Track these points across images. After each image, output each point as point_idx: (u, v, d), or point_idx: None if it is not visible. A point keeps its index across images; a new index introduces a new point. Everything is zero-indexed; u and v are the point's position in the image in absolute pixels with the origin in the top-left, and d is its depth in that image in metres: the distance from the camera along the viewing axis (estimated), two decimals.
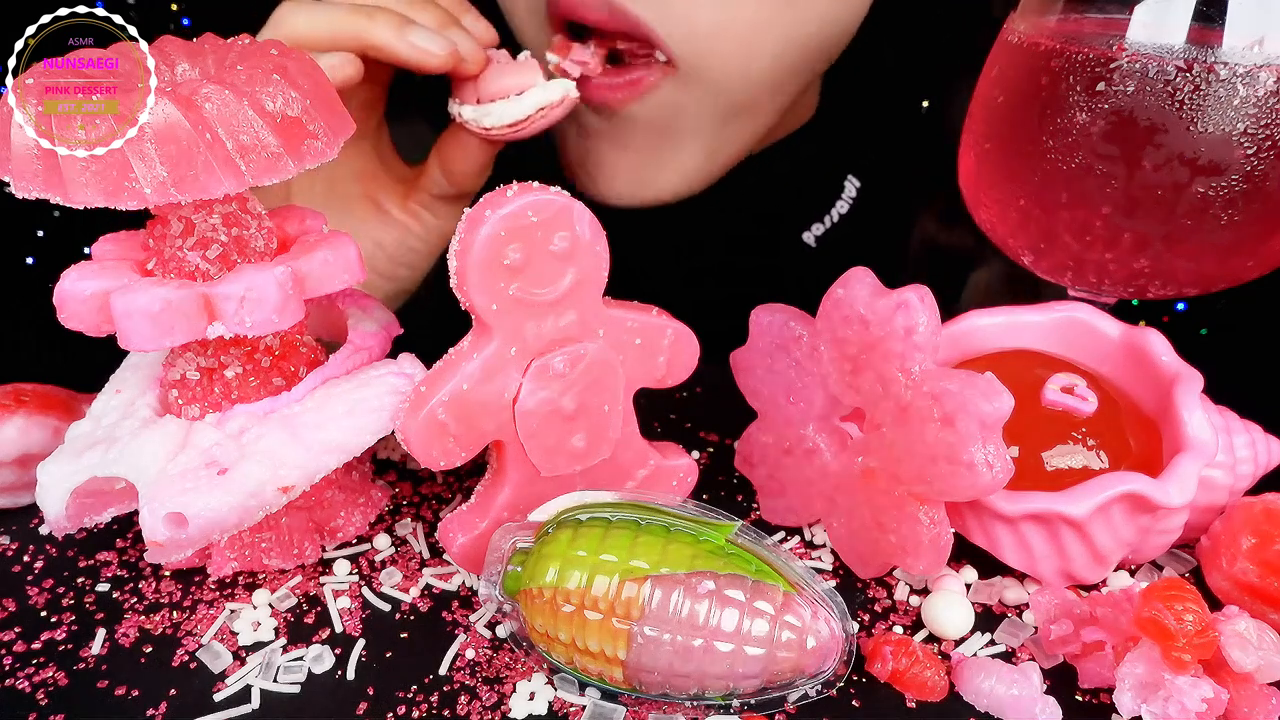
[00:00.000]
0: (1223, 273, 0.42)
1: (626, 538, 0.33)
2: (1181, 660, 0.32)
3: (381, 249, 0.53)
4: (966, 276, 0.65)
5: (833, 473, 0.40)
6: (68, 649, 0.37)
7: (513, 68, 0.47)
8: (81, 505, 0.37)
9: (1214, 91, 0.37)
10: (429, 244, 0.54)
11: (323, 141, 0.35)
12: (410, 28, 0.44)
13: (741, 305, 0.42)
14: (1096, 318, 0.42)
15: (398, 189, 0.53)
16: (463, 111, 0.48)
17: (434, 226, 0.53)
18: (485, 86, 0.47)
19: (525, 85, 0.47)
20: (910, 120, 0.68)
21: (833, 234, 0.64)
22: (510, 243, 0.34)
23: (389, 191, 0.53)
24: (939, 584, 0.39)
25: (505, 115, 0.47)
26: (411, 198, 0.52)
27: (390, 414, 0.37)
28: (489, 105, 0.47)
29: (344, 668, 0.36)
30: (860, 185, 0.65)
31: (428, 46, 0.44)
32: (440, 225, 0.53)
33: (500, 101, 0.47)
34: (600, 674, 0.33)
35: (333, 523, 0.41)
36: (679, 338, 0.39)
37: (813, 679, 0.33)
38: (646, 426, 0.41)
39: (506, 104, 0.47)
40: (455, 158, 0.50)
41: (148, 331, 0.33)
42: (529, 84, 0.47)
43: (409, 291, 0.55)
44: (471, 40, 0.47)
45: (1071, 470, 0.37)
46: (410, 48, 0.44)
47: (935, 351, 0.35)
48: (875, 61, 0.60)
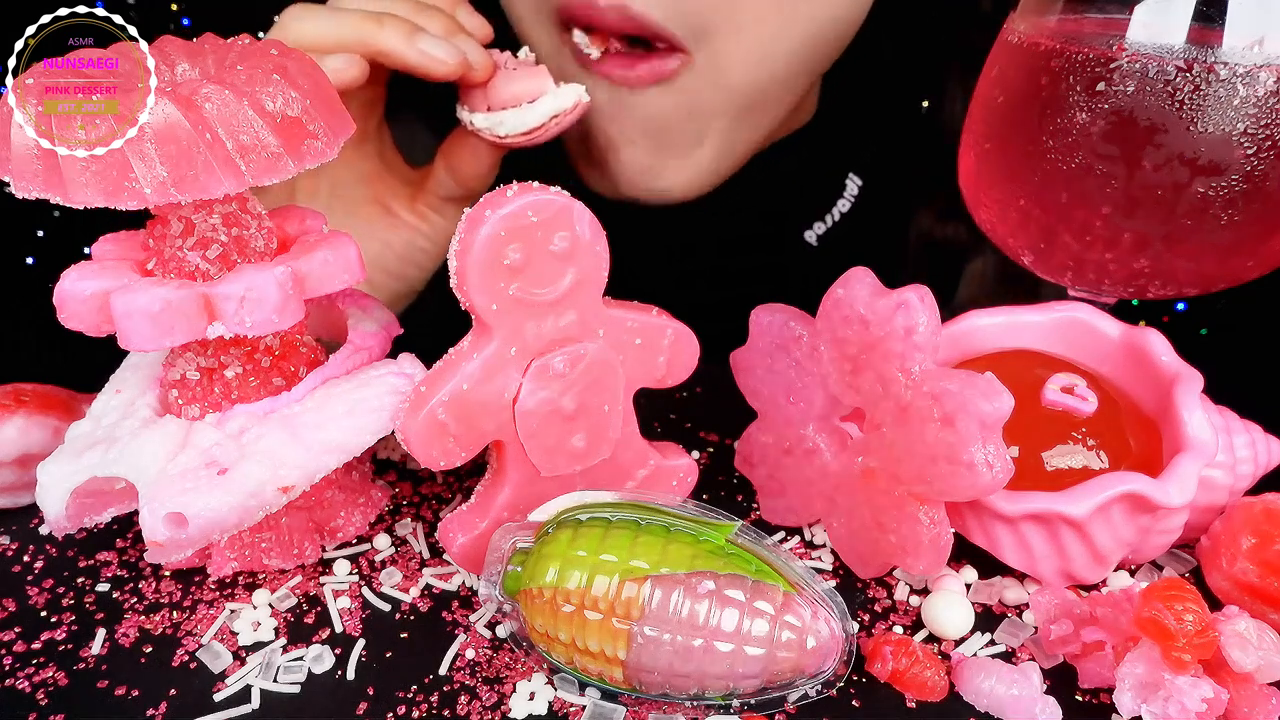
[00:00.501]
0: (1223, 273, 0.42)
1: (626, 538, 0.33)
2: (1181, 660, 0.32)
3: (390, 249, 0.53)
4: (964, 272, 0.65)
5: (833, 473, 0.40)
6: (68, 649, 0.37)
7: (523, 74, 0.47)
8: (81, 505, 0.37)
9: (1214, 91, 0.37)
10: (437, 244, 0.54)
11: (323, 141, 0.35)
12: (420, 35, 0.44)
13: (742, 305, 0.42)
14: (1096, 318, 0.42)
15: (404, 191, 0.53)
16: (474, 120, 0.48)
17: (442, 227, 0.53)
18: (495, 93, 0.47)
19: (537, 92, 0.47)
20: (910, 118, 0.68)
21: (834, 232, 0.64)
22: (510, 243, 0.34)
23: (395, 194, 0.53)
24: (939, 584, 0.39)
25: (519, 124, 0.47)
26: (419, 200, 0.53)
27: (390, 414, 0.37)
28: (501, 114, 0.47)
29: (344, 668, 0.36)
30: (862, 184, 0.65)
31: (437, 54, 0.44)
32: (448, 226, 0.53)
33: (513, 110, 0.47)
34: (600, 674, 0.33)
35: (333, 523, 0.41)
36: (679, 338, 0.39)
37: (813, 679, 0.33)
38: (646, 426, 0.41)
39: (519, 112, 0.47)
40: (465, 162, 0.50)
41: (148, 331, 0.33)
42: (540, 91, 0.47)
43: (417, 291, 0.55)
44: (479, 47, 0.47)
45: (1071, 470, 0.37)
46: (420, 55, 0.44)
47: (935, 351, 0.35)
48: (875, 60, 0.60)
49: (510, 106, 0.47)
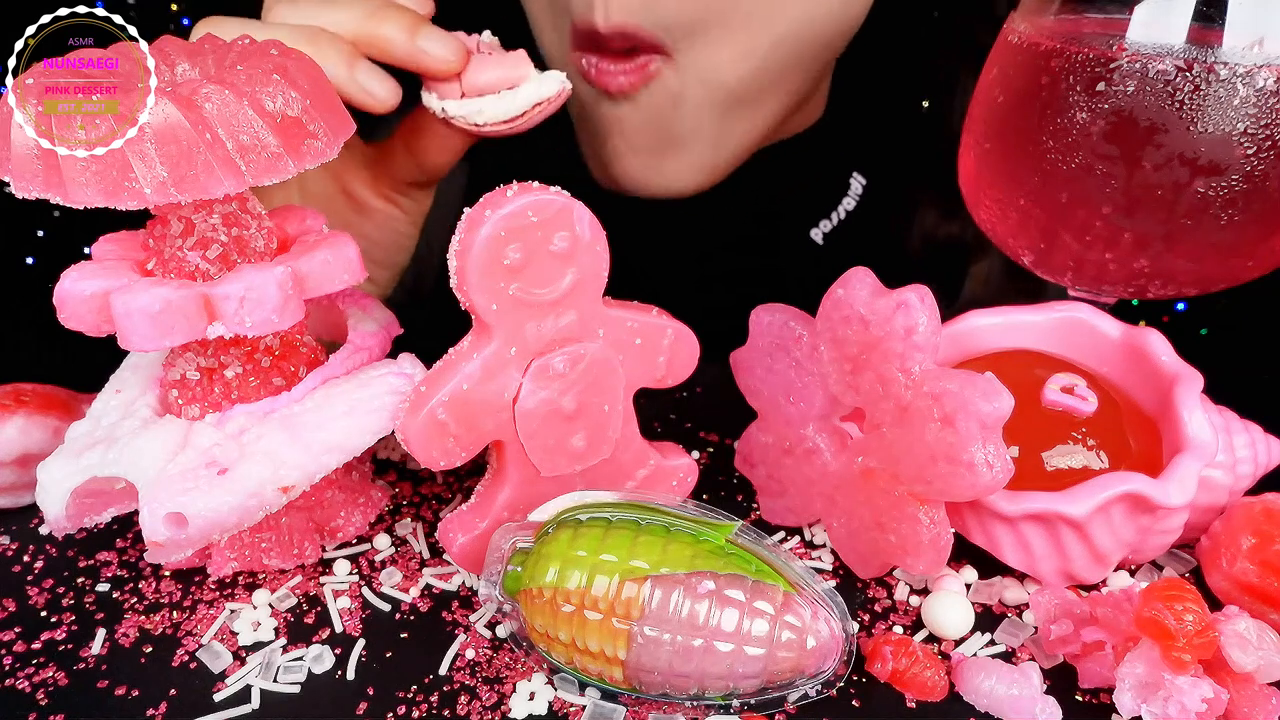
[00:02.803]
0: (1223, 273, 0.42)
1: (626, 538, 0.33)
2: (1181, 660, 0.32)
3: (370, 239, 0.52)
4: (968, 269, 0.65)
5: (833, 473, 0.40)
6: (68, 649, 0.37)
7: (499, 59, 0.44)
8: (81, 505, 0.37)
9: (1214, 91, 0.37)
10: (415, 224, 0.53)
11: (323, 141, 0.35)
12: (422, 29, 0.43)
13: (742, 305, 0.42)
14: (1096, 318, 0.42)
15: (364, 174, 0.51)
16: (446, 106, 0.45)
17: (412, 208, 0.52)
18: (471, 79, 0.44)
19: (517, 79, 0.44)
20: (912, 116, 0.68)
21: (840, 231, 0.64)
22: (510, 243, 0.34)
23: (356, 176, 0.51)
24: (939, 584, 0.39)
25: (499, 112, 0.44)
26: (381, 182, 0.51)
27: (390, 414, 0.37)
28: (478, 101, 0.44)
29: (344, 668, 0.36)
30: (866, 183, 0.65)
31: (438, 51, 0.42)
32: (419, 207, 0.52)
33: (490, 97, 0.44)
34: (600, 674, 0.33)
35: (333, 523, 0.41)
36: (679, 338, 0.39)
37: (813, 679, 0.33)
38: (646, 426, 0.41)
39: (498, 100, 0.44)
40: (431, 150, 0.48)
41: (148, 331, 0.33)
42: (521, 77, 0.44)
43: (404, 268, 0.55)
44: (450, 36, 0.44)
45: (1071, 470, 0.37)
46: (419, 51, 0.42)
47: (935, 351, 0.35)
48: (881, 59, 0.60)
49: (487, 93, 0.44)
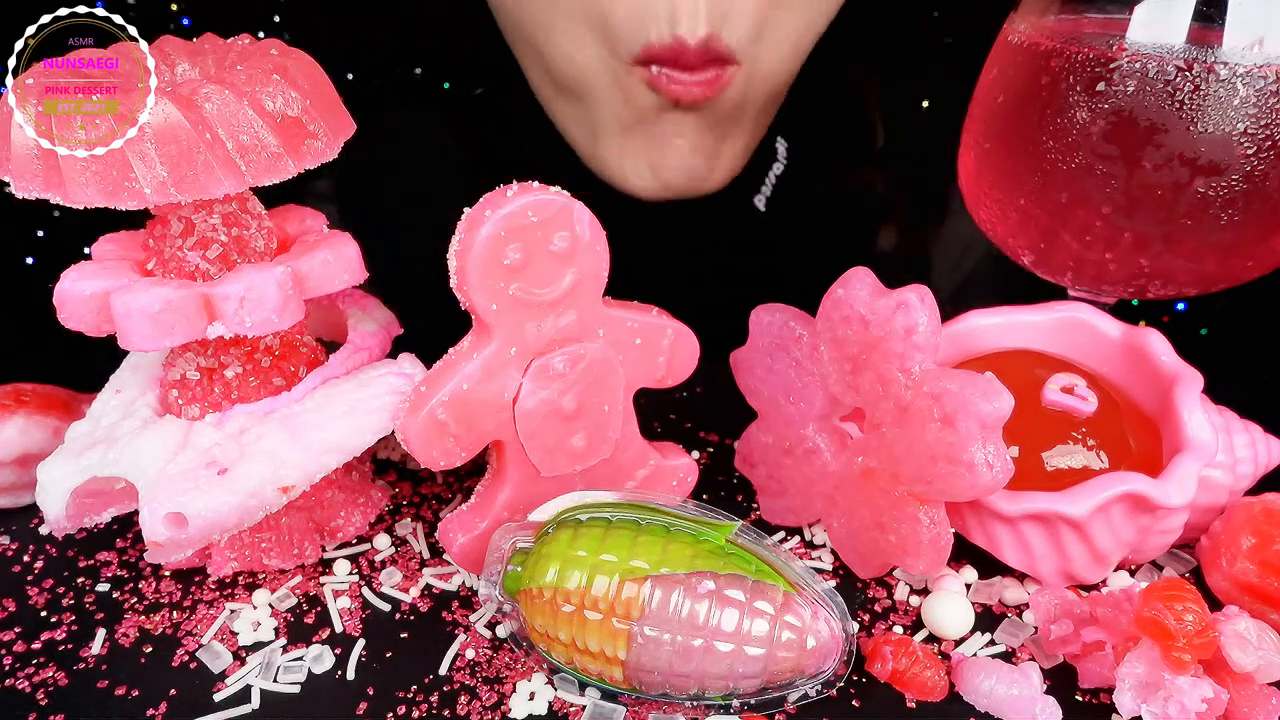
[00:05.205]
0: (1223, 273, 0.42)
1: (626, 538, 0.33)
2: (1181, 660, 0.32)
3: None
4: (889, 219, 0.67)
5: (833, 473, 0.40)
6: (68, 649, 0.37)
7: None
8: (81, 505, 0.37)
9: (1214, 91, 0.37)
10: None
11: (323, 141, 0.35)
12: None
13: (742, 305, 0.42)
14: (1096, 318, 0.42)
15: None
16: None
17: None
18: None
19: None
20: (823, 80, 0.69)
21: (776, 196, 0.65)
22: (510, 243, 0.34)
23: None
24: (939, 584, 0.39)
25: None
26: None
27: (390, 414, 0.37)
28: None
29: (344, 668, 0.36)
30: (788, 145, 0.66)
31: None
32: None
33: None
34: (600, 674, 0.33)
35: (333, 523, 0.41)
36: (679, 338, 0.39)
37: (813, 679, 0.33)
38: (646, 426, 0.41)
39: None
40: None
41: (148, 331, 0.33)
42: None
43: None
44: None
45: (1071, 470, 0.37)
46: None
47: (935, 351, 0.35)
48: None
49: None
